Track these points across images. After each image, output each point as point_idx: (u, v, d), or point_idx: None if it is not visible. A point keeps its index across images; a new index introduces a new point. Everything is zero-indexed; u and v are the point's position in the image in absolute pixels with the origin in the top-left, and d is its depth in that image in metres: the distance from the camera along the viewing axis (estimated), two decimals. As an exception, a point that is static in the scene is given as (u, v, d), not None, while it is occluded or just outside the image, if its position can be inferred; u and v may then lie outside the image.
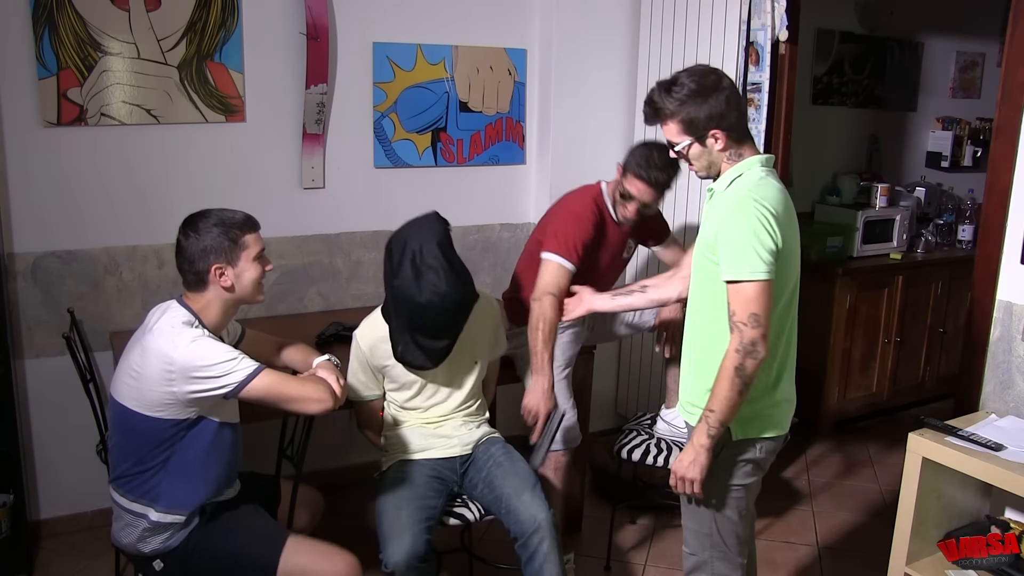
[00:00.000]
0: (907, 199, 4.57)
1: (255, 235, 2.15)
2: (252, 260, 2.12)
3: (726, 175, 1.99)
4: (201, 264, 2.07)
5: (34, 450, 3.07)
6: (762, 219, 1.86)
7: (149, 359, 1.98)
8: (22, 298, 2.96)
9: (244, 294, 2.14)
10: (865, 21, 4.68)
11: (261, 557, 2.11)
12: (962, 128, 5.11)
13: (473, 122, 3.62)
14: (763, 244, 1.85)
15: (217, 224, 2.08)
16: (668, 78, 1.99)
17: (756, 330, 1.85)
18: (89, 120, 2.95)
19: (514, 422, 3.65)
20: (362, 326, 2.52)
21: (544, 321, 2.61)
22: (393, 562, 2.22)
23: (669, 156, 2.19)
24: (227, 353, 2.01)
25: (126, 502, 2.09)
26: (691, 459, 1.96)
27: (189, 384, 1.97)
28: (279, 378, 2.06)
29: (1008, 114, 2.50)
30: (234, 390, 1.99)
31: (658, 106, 1.98)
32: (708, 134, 1.95)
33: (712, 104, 1.92)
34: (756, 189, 1.91)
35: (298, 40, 3.20)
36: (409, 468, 2.47)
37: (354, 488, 3.44)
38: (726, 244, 1.89)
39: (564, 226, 2.72)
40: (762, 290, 1.85)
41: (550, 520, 2.36)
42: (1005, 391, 2.52)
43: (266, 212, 3.25)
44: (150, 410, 2.00)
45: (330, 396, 2.09)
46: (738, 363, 1.86)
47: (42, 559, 3.02)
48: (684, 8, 3.42)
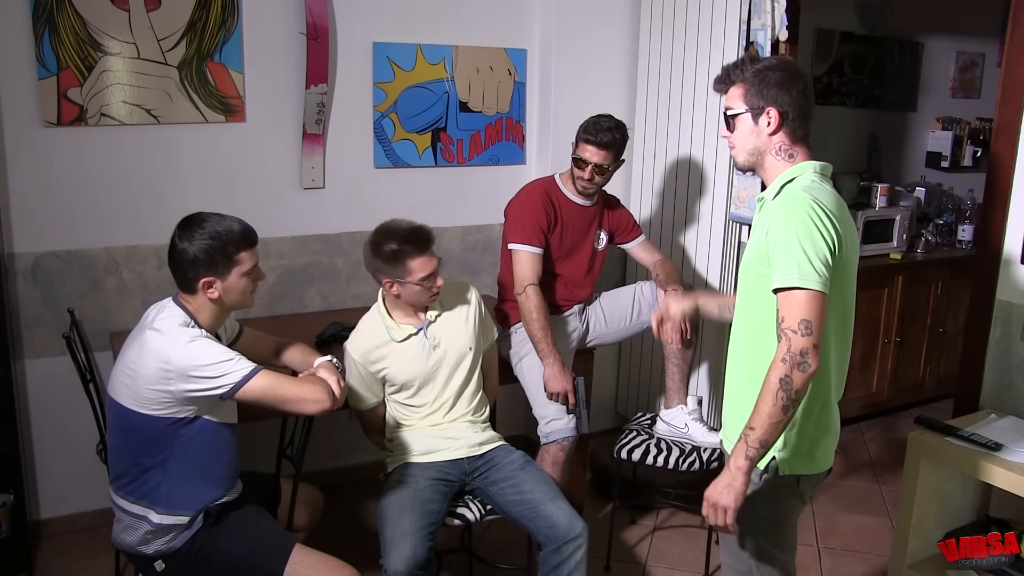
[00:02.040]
0: (907, 199, 4.57)
1: (251, 251, 2.10)
2: (243, 275, 2.09)
3: (776, 181, 1.84)
4: (191, 273, 2.05)
5: (34, 450, 3.07)
6: (818, 221, 1.69)
7: (146, 357, 1.98)
8: (22, 298, 2.96)
9: (232, 304, 2.12)
10: (865, 21, 4.69)
11: (266, 565, 2.10)
12: (962, 128, 5.11)
13: (473, 122, 3.62)
14: (817, 250, 1.67)
15: (213, 236, 2.04)
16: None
17: (806, 339, 1.64)
18: (89, 120, 2.95)
19: (514, 422, 3.66)
20: (351, 337, 2.53)
21: (535, 310, 2.77)
22: (393, 570, 2.21)
23: (615, 120, 2.22)
24: (224, 354, 2.01)
25: (126, 504, 2.09)
26: (726, 483, 1.74)
27: (186, 383, 1.97)
28: (276, 379, 2.05)
29: (1008, 114, 2.50)
30: (231, 390, 1.99)
31: (735, 69, 1.86)
32: (765, 111, 1.81)
33: (784, 86, 1.80)
34: (811, 190, 1.76)
35: (298, 40, 3.20)
36: (413, 471, 2.47)
37: (354, 488, 3.44)
38: (777, 248, 1.71)
39: (518, 214, 2.90)
40: (815, 299, 1.66)
41: (587, 532, 2.38)
42: (1005, 391, 2.52)
43: (266, 212, 3.28)
44: (146, 408, 2.00)
45: (328, 397, 2.09)
46: (784, 374, 1.65)
47: (42, 559, 3.02)
48: (684, 8, 3.42)
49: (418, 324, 2.50)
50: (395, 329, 2.48)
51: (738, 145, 1.88)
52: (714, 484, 1.77)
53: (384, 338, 2.47)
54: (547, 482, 2.49)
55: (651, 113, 3.62)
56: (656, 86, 3.59)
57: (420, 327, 2.49)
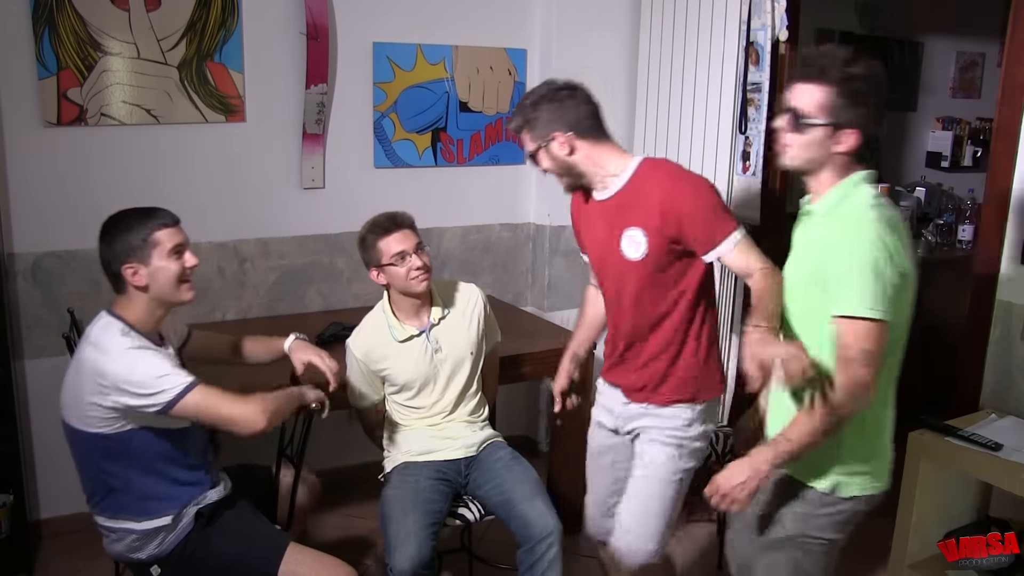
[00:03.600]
0: (907, 199, 4.57)
1: (169, 230, 2.02)
2: (167, 256, 2.00)
3: (831, 195, 1.73)
4: (114, 265, 1.99)
5: (34, 450, 3.07)
6: (891, 249, 1.62)
7: (83, 374, 1.94)
8: (22, 298, 2.96)
9: (163, 292, 2.02)
10: (865, 21, 4.68)
11: (261, 565, 2.10)
12: (962, 128, 5.11)
13: (473, 122, 3.62)
14: (888, 279, 1.61)
15: (127, 225, 2.00)
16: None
17: (867, 369, 1.62)
18: (89, 120, 2.95)
19: (514, 422, 3.66)
20: (353, 335, 2.53)
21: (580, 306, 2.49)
22: (399, 569, 2.21)
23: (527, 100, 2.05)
24: (159, 368, 1.93)
25: (104, 520, 2.07)
26: (742, 480, 1.70)
27: (121, 396, 1.91)
28: (212, 397, 1.97)
29: (1008, 114, 2.50)
30: (165, 407, 1.92)
31: (829, 64, 1.67)
32: (847, 130, 1.66)
33: (868, 100, 1.66)
34: (877, 210, 1.67)
35: (298, 40, 3.20)
36: (414, 471, 2.47)
37: (354, 488, 3.43)
38: (843, 272, 1.63)
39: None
40: (880, 329, 1.62)
41: (560, 529, 2.36)
42: (1005, 391, 2.52)
43: (266, 212, 3.29)
44: (92, 426, 1.96)
45: (261, 419, 1.98)
46: (839, 400, 1.63)
47: (42, 559, 3.02)
48: (684, 8, 3.42)
49: (421, 326, 2.49)
50: (398, 329, 2.48)
51: (797, 150, 1.72)
52: (728, 476, 1.73)
53: (386, 337, 2.47)
54: (527, 480, 2.46)
55: (651, 113, 3.62)
56: (656, 86, 3.58)
57: (423, 329, 2.49)
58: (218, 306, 3.26)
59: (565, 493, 3.08)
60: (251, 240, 3.28)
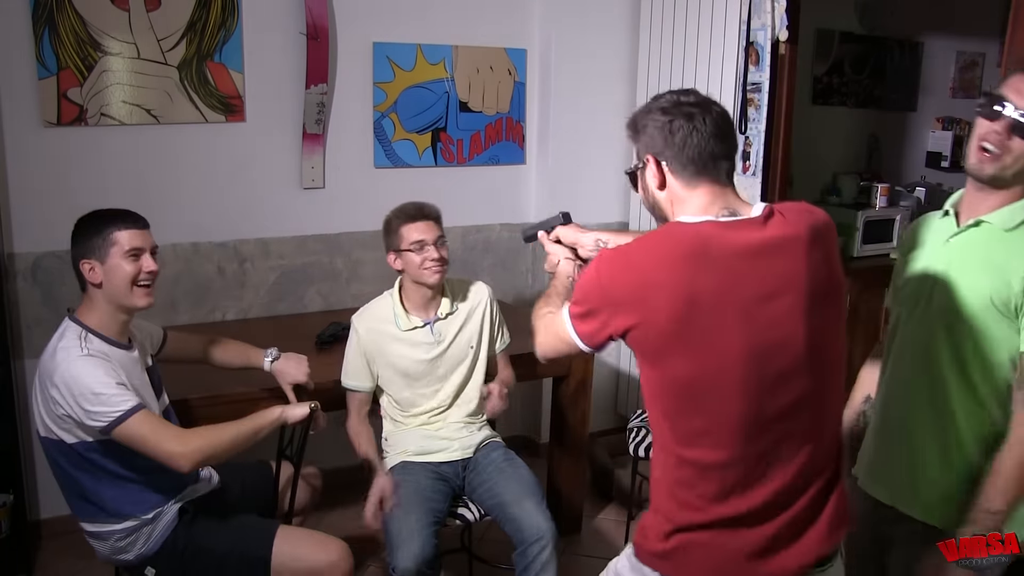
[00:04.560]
0: (907, 199, 4.56)
1: (130, 232, 2.00)
2: (123, 256, 1.98)
3: (1017, 206, 1.58)
4: (75, 260, 2.01)
5: (34, 450, 3.07)
6: None
7: (42, 381, 1.94)
8: (22, 298, 2.96)
9: (116, 293, 1.99)
10: (865, 21, 4.68)
11: (253, 552, 2.10)
12: (962, 128, 5.10)
13: (473, 122, 3.62)
14: None
15: (92, 223, 2.01)
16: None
17: None
18: (89, 120, 2.95)
19: (514, 422, 3.66)
20: (360, 312, 2.55)
21: None
22: (402, 568, 2.21)
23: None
24: (106, 386, 1.87)
25: (88, 526, 2.07)
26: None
27: (70, 403, 1.89)
28: (152, 428, 1.90)
29: (1008, 114, 2.49)
30: (107, 427, 1.88)
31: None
32: None
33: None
34: None
35: (298, 40, 3.20)
36: (413, 470, 2.47)
37: (355, 487, 3.43)
38: None
39: None
40: None
41: (553, 531, 2.35)
42: (1005, 391, 2.51)
43: (266, 212, 3.29)
44: (53, 434, 1.95)
45: (184, 465, 1.91)
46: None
47: (42, 559, 3.02)
48: (684, 8, 3.42)
49: (426, 319, 2.50)
50: (403, 318, 2.49)
51: (1011, 160, 1.55)
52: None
53: (390, 322, 2.49)
54: (520, 482, 2.45)
55: (651, 113, 3.62)
56: (656, 86, 3.58)
57: (427, 322, 2.49)
58: (218, 306, 3.26)
59: (565, 493, 3.09)
60: (251, 240, 3.28)
